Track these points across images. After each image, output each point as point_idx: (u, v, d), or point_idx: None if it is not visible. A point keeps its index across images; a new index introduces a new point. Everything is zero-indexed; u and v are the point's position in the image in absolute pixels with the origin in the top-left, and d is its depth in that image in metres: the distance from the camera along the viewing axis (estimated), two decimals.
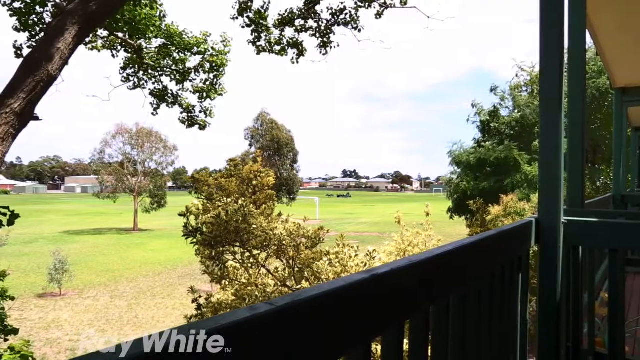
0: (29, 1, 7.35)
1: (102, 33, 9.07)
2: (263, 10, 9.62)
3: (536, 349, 2.12)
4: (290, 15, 9.72)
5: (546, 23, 2.07)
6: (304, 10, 9.69)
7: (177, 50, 9.44)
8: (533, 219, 2.08)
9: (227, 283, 7.62)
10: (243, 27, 9.84)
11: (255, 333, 0.62)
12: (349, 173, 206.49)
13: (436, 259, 1.15)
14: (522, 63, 24.23)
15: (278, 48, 10.12)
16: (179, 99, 10.11)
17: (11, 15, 7.46)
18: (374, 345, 5.43)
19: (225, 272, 7.54)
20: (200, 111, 10.33)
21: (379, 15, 9.85)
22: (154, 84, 9.94)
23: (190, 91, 10.08)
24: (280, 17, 9.78)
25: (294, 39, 10.06)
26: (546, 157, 2.08)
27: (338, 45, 10.16)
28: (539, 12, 2.08)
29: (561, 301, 2.11)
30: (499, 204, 14.69)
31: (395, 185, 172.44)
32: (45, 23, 7.55)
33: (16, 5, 7.35)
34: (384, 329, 0.97)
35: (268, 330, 0.64)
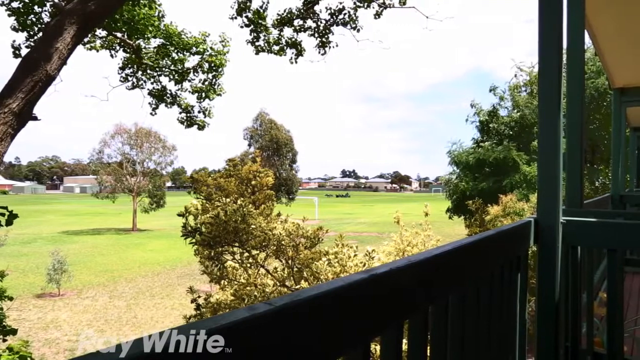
0: (28, 1, 7.34)
1: (101, 33, 9.07)
2: (262, 10, 9.62)
3: (535, 349, 2.12)
4: (289, 15, 9.72)
5: (545, 23, 2.07)
6: (302, 10, 9.69)
7: (176, 50, 9.44)
8: (532, 219, 2.08)
9: (226, 283, 7.62)
10: (242, 27, 9.84)
11: (255, 333, 0.62)
12: (347, 173, 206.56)
13: (435, 259, 1.15)
14: (521, 63, 24.26)
15: (277, 48, 10.13)
16: (177, 99, 10.10)
17: (9, 15, 7.45)
18: (373, 345, 5.42)
19: (224, 272, 7.54)
20: (199, 111, 10.33)
21: (377, 15, 9.86)
22: (152, 84, 9.93)
23: (189, 91, 10.07)
24: (279, 17, 9.78)
25: (293, 39, 10.07)
26: (545, 157, 2.09)
27: (337, 45, 10.18)
28: (537, 13, 2.09)
29: (560, 301, 2.12)
30: (498, 204, 14.70)
31: (394, 185, 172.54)
32: (44, 23, 7.54)
33: (14, 5, 7.34)
34: (383, 329, 0.97)
35: (267, 330, 0.64)
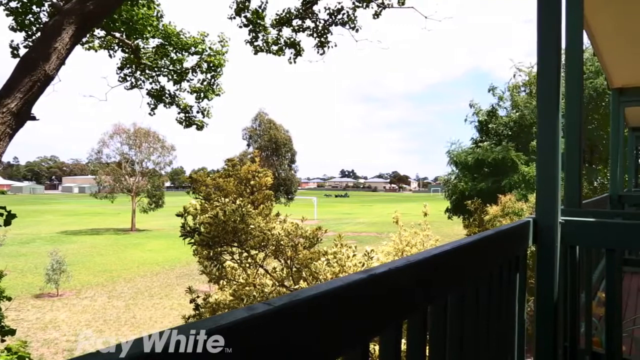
0: (26, 1, 7.33)
1: (99, 33, 9.05)
2: (260, 10, 9.61)
3: (534, 349, 2.13)
4: (287, 15, 9.72)
5: (543, 23, 2.07)
6: (301, 10, 9.69)
7: (175, 50, 9.42)
8: (530, 218, 2.08)
9: (225, 283, 7.61)
10: (240, 27, 9.83)
11: (253, 333, 0.62)
12: (347, 173, 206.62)
13: (434, 259, 1.15)
14: (520, 64, 24.29)
15: (275, 48, 10.12)
16: (176, 99, 10.08)
17: (7, 15, 7.43)
18: (372, 345, 5.42)
19: (223, 272, 7.54)
20: (198, 111, 10.31)
21: (376, 15, 9.86)
22: (151, 84, 9.92)
23: (188, 91, 10.06)
24: (278, 17, 9.77)
25: (292, 39, 10.06)
26: (544, 157, 2.09)
27: (335, 45, 10.18)
28: (536, 13, 2.09)
29: (558, 301, 2.12)
30: (497, 204, 14.71)
31: (393, 185, 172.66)
32: (42, 23, 7.52)
33: (12, 4, 7.32)
34: (382, 329, 0.97)
35: (266, 330, 0.64)
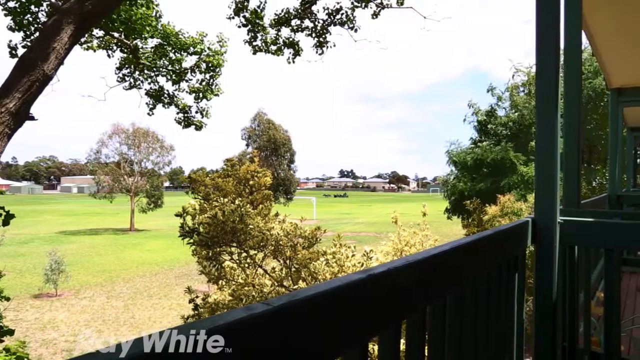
0: (24, 0, 7.31)
1: (98, 33, 9.04)
2: (259, 10, 9.61)
3: (532, 349, 2.13)
4: (286, 15, 9.71)
5: (542, 24, 2.08)
6: (300, 10, 9.69)
7: (173, 51, 9.41)
8: (529, 218, 2.08)
9: (224, 283, 7.61)
10: (239, 27, 9.82)
11: (252, 333, 0.62)
12: (346, 173, 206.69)
13: (433, 259, 1.15)
14: (519, 64, 24.29)
15: (274, 48, 10.12)
16: (175, 99, 10.07)
17: (6, 15, 7.42)
18: (370, 345, 5.42)
19: (222, 273, 7.53)
20: (197, 111, 10.30)
21: (375, 15, 9.86)
22: (149, 84, 9.90)
23: (187, 91, 10.04)
24: (277, 17, 9.77)
25: (290, 39, 10.06)
26: (542, 157, 2.09)
27: (334, 45, 10.17)
28: (535, 13, 2.09)
29: (557, 301, 2.12)
30: (496, 204, 14.72)
31: (392, 185, 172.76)
32: (40, 23, 7.51)
33: (11, 4, 7.31)
34: (381, 329, 0.97)
35: (265, 330, 0.64)
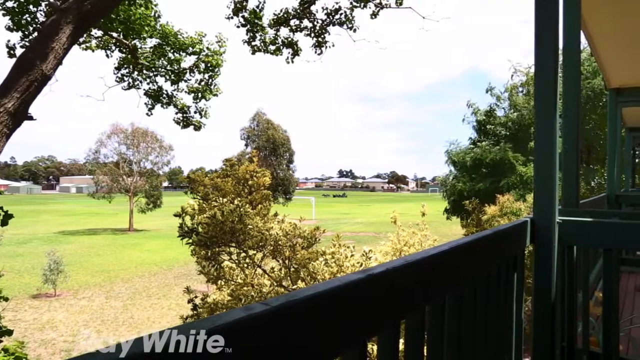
0: (23, 0, 7.30)
1: (96, 33, 9.02)
2: (258, 10, 9.61)
3: (531, 348, 2.13)
4: (285, 15, 9.71)
5: (541, 24, 2.08)
6: (299, 10, 9.69)
7: (172, 51, 9.40)
8: (528, 218, 2.09)
9: (223, 283, 7.61)
10: (238, 27, 9.82)
11: (251, 333, 0.61)
12: (345, 173, 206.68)
13: (432, 259, 1.15)
14: (518, 64, 24.30)
15: (273, 48, 10.11)
16: (173, 99, 10.06)
17: (4, 15, 7.40)
18: (370, 345, 5.42)
19: (221, 273, 7.53)
20: (195, 112, 10.29)
21: (374, 15, 9.86)
22: (148, 84, 9.89)
23: (185, 91, 10.03)
24: (276, 17, 9.77)
25: (289, 39, 10.05)
26: (541, 157, 2.09)
27: (333, 45, 10.17)
28: (533, 13, 2.09)
29: (556, 300, 2.12)
30: (495, 204, 14.73)
31: (391, 185, 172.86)
32: (39, 22, 7.50)
33: (9, 4, 7.30)
34: (380, 329, 0.97)
35: (264, 330, 0.64)
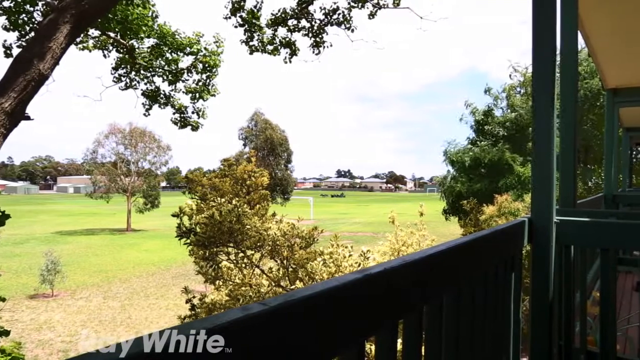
0: (19, 0, 7.28)
1: (94, 33, 8.99)
2: (256, 10, 9.60)
3: (529, 348, 2.13)
4: (283, 15, 9.71)
5: (538, 24, 2.08)
6: (296, 10, 9.69)
7: (170, 51, 9.38)
8: (526, 218, 2.09)
9: (221, 283, 7.61)
10: (236, 27, 9.81)
11: (249, 333, 0.61)
12: (343, 173, 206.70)
13: (429, 259, 1.15)
14: (517, 64, 24.35)
15: (271, 48, 10.11)
16: (171, 99, 10.04)
17: (1, 15, 7.38)
18: (368, 345, 5.42)
19: (219, 273, 7.52)
20: (193, 112, 10.28)
21: (372, 15, 9.87)
22: (146, 84, 9.87)
23: (183, 92, 10.02)
24: (273, 17, 9.76)
25: (287, 39, 10.05)
26: (539, 158, 2.10)
27: (331, 45, 10.18)
28: (531, 13, 2.09)
29: (553, 300, 2.12)
30: (493, 204, 14.74)
31: (389, 185, 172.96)
32: (36, 22, 7.48)
33: (5, 4, 7.27)
34: (378, 329, 0.97)
35: (262, 330, 0.64)
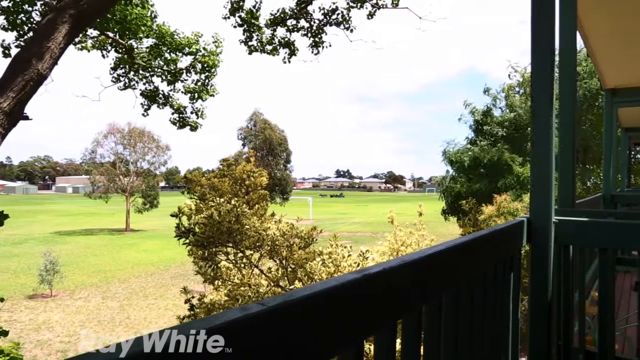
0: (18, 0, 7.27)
1: (92, 33, 8.99)
2: (255, 10, 9.60)
3: (528, 348, 2.13)
4: (282, 15, 9.71)
5: (537, 24, 2.08)
6: (295, 10, 9.68)
7: (169, 51, 9.38)
8: (525, 218, 2.09)
9: (220, 283, 7.60)
10: (235, 27, 9.81)
11: (248, 333, 0.61)
12: (342, 173, 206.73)
13: (428, 259, 1.15)
14: (516, 64, 24.38)
15: (270, 48, 10.10)
16: (170, 99, 10.03)
17: None
18: (367, 345, 5.43)
19: (218, 273, 7.51)
20: (192, 112, 10.27)
21: (370, 15, 9.87)
22: (144, 84, 9.86)
23: (182, 92, 10.01)
24: (272, 17, 9.76)
25: (286, 39, 10.05)
26: (538, 158, 2.10)
27: (330, 45, 10.17)
28: (530, 14, 2.09)
29: (552, 300, 2.13)
30: (492, 204, 14.75)
31: (388, 185, 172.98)
32: (34, 22, 7.47)
33: (4, 4, 7.26)
34: (377, 329, 0.97)
35: (261, 330, 0.64)
